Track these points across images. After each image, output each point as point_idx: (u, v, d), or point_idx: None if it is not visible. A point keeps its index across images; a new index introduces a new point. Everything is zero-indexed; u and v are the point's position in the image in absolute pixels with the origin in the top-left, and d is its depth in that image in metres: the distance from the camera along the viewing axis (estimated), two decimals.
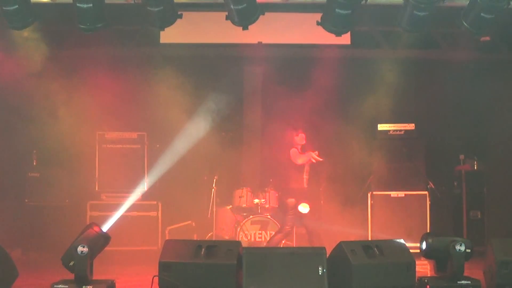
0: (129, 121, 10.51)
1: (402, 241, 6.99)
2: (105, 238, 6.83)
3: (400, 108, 10.93)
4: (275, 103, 10.51)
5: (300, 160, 9.20)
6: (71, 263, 6.48)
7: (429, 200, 10.09)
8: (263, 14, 8.01)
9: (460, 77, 10.29)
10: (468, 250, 6.72)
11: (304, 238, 10.06)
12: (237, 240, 9.06)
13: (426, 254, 7.08)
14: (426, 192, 10.10)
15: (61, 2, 8.09)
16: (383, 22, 9.46)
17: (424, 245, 6.99)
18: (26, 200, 10.14)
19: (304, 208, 9.09)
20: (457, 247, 6.68)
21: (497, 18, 7.75)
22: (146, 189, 10.37)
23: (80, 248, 6.43)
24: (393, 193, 10.08)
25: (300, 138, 9.36)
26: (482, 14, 7.62)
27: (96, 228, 6.78)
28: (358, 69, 10.65)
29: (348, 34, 9.25)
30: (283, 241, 9.56)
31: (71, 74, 9.84)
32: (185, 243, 6.98)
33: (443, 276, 6.86)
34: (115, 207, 10.07)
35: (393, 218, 9.76)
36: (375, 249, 6.68)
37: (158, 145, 10.63)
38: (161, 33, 9.25)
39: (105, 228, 7.26)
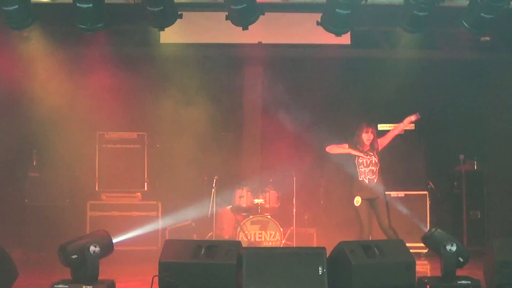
0: (129, 121, 10.51)
1: (402, 241, 7.00)
2: (111, 248, 6.85)
3: (400, 108, 10.92)
4: (275, 103, 10.50)
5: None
6: (74, 256, 6.47)
7: (429, 200, 10.09)
8: (263, 14, 8.02)
9: (460, 77, 10.28)
10: (461, 259, 6.70)
11: (304, 238, 10.06)
12: (237, 240, 9.05)
13: (423, 239, 7.10)
14: (426, 192, 10.10)
15: (61, 2, 8.10)
16: (383, 22, 9.45)
17: (428, 231, 7.07)
18: (26, 200, 10.11)
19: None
20: (448, 247, 6.66)
21: (497, 18, 7.75)
22: (146, 189, 10.39)
23: (92, 248, 6.45)
24: (393, 193, 10.07)
25: (367, 136, 8.71)
26: (482, 14, 7.63)
27: (108, 235, 6.85)
28: (358, 69, 10.64)
29: (348, 34, 9.24)
30: (283, 241, 9.56)
31: (71, 74, 9.84)
32: (185, 243, 6.98)
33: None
34: (115, 207, 10.09)
35: (393, 218, 9.74)
36: (375, 249, 6.68)
37: (158, 145, 10.64)
38: (161, 33, 9.23)
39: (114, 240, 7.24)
